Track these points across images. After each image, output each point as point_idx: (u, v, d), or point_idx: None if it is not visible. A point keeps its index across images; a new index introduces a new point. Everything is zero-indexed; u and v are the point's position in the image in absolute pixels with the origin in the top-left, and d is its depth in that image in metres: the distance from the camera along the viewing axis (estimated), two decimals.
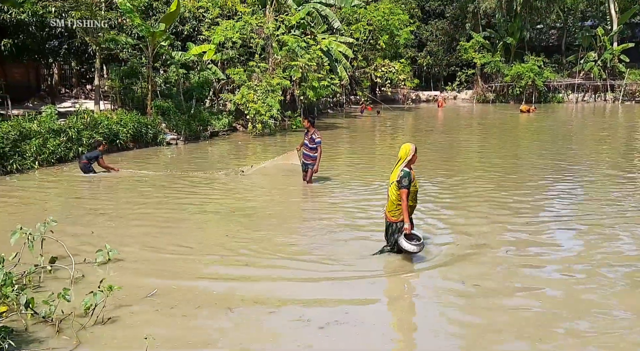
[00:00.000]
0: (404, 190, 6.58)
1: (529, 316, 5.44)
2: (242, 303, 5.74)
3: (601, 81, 42.49)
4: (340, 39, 29.63)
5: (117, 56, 24.08)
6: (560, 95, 43.67)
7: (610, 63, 42.05)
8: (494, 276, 6.51)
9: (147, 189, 11.67)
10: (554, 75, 43.56)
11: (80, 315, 5.29)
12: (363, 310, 5.62)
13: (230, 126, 23.39)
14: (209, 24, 25.39)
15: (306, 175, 11.57)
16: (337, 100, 38.04)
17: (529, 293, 6.02)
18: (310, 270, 6.72)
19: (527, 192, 11.16)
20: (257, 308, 5.63)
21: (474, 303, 5.77)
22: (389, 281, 6.58)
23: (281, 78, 23.32)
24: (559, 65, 45.67)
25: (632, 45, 41.74)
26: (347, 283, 6.28)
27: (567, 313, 5.47)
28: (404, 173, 6.62)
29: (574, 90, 43.62)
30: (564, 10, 47.17)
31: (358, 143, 21.04)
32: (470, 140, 21.79)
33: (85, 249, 7.33)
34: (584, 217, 9.15)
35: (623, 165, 14.71)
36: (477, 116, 34.11)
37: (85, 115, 17.05)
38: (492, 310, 5.59)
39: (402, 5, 41.21)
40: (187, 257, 7.25)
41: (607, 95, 42.57)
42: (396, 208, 6.75)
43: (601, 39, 42.47)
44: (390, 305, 5.97)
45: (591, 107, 39.70)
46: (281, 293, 5.96)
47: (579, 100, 43.33)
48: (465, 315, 5.50)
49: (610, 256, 7.18)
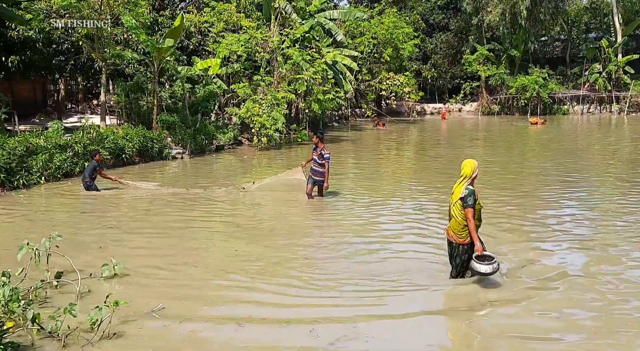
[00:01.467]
0: (469, 209, 6.17)
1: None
2: (251, 319, 5.67)
3: (606, 93, 42.41)
4: (345, 52, 29.75)
5: (123, 71, 24.27)
6: (566, 107, 43.58)
7: (615, 74, 41.98)
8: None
9: (152, 205, 11.66)
10: (558, 87, 43.50)
11: (86, 330, 5.25)
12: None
13: (236, 140, 23.42)
14: (214, 39, 25.56)
15: (311, 188, 11.47)
16: (342, 113, 38.10)
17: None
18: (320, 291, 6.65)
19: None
20: (266, 324, 5.57)
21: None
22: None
23: (286, 91, 23.39)
24: (563, 77, 45.62)
25: (636, 57, 41.66)
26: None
27: None
28: (468, 192, 6.22)
29: (579, 101, 43.54)
30: (568, 23, 47.23)
31: (364, 157, 20.98)
32: (488, 154, 21.72)
33: (92, 264, 7.29)
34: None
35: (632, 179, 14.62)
36: (483, 128, 34.06)
37: (91, 130, 17.12)
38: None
39: (406, 18, 41.39)
40: (194, 272, 7.21)
41: (613, 106, 42.45)
42: (462, 229, 6.31)
43: (605, 51, 42.46)
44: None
45: (597, 118, 39.59)
46: (287, 311, 5.88)
47: (584, 111, 43.23)
48: None
49: None
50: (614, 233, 8.90)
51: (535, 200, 11.89)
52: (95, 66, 24.50)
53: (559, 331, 5.39)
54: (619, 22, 42.94)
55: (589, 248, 8.02)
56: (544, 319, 5.65)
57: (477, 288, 6.43)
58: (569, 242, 8.37)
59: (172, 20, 25.52)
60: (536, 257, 7.63)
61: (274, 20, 26.34)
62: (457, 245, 6.41)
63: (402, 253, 7.90)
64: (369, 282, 6.69)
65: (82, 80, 30.79)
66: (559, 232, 9.02)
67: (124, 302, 5.39)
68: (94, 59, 22.72)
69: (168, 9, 27.91)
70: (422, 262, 7.45)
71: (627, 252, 7.82)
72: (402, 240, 8.69)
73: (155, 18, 25.25)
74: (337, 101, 28.12)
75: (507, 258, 7.50)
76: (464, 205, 6.20)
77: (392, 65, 38.05)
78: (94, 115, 27.16)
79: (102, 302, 5.27)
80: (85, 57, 23.25)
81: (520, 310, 5.90)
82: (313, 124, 29.05)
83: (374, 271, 7.07)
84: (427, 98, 47.33)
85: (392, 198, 12.20)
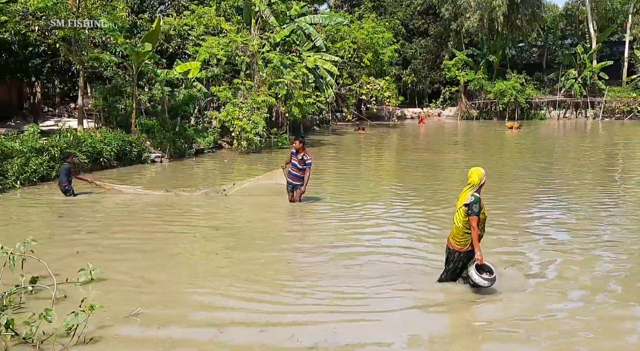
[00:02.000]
0: (474, 217, 6.06)
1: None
2: (231, 324, 5.62)
3: (582, 98, 43.17)
4: (326, 57, 29.81)
5: (101, 74, 24.03)
6: (543, 112, 44.25)
7: (590, 80, 42.76)
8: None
9: (131, 208, 11.54)
10: (535, 92, 44.17)
11: (62, 336, 5.16)
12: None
13: (216, 143, 23.30)
14: (194, 42, 25.43)
15: (291, 195, 11.37)
16: (323, 117, 38.15)
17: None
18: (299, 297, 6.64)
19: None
20: (246, 328, 5.53)
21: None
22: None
23: (266, 95, 23.35)
24: (540, 83, 46.36)
25: (610, 63, 42.52)
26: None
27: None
28: (474, 199, 6.11)
29: (556, 107, 44.23)
30: (545, 29, 48.04)
31: (344, 161, 21.04)
32: (467, 158, 21.91)
33: (68, 269, 7.17)
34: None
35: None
36: (461, 133, 34.41)
37: (68, 134, 16.89)
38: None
39: (386, 24, 41.67)
40: (173, 277, 7.14)
41: (588, 112, 43.22)
42: (463, 236, 6.23)
43: (581, 57, 43.24)
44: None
45: (572, 123, 40.26)
46: (268, 316, 5.82)
47: (560, 116, 43.91)
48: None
49: None
50: (588, 236, 9.03)
51: (514, 203, 12.03)
52: (72, 69, 24.25)
53: (536, 331, 5.45)
54: (594, 29, 43.81)
55: (566, 252, 8.13)
56: (522, 321, 5.71)
57: (461, 289, 6.47)
58: (550, 245, 8.47)
59: (151, 23, 25.33)
60: (514, 259, 7.71)
61: (254, 24, 26.30)
62: (454, 252, 6.35)
63: (383, 257, 7.90)
64: (351, 286, 6.67)
65: (59, 83, 30.35)
66: (537, 235, 9.15)
67: (100, 306, 5.32)
68: (72, 62, 22.47)
69: (147, 12, 27.71)
70: (403, 266, 7.44)
71: (601, 256, 7.94)
72: (383, 244, 8.69)
73: (134, 21, 25.05)
74: (317, 105, 28.14)
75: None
76: (468, 212, 6.12)
77: (372, 70, 38.26)
78: (72, 118, 26.83)
79: (78, 307, 5.20)
80: (63, 60, 22.96)
81: (501, 309, 5.97)
82: (294, 128, 29.03)
83: (355, 275, 7.06)
84: (407, 103, 47.65)
85: (373, 202, 12.20)
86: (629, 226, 9.66)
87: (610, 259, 7.71)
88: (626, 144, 25.39)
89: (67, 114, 29.79)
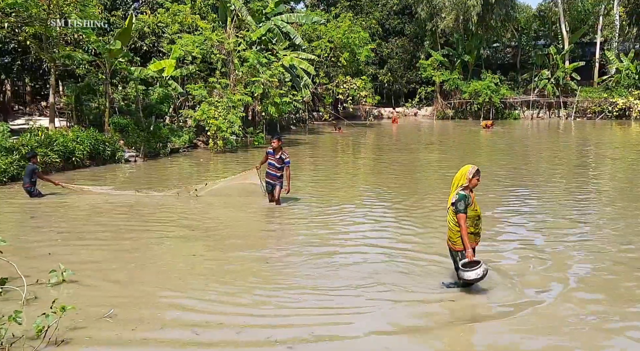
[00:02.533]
0: (461, 215, 6.01)
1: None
2: (207, 325, 5.52)
3: (554, 98, 43.86)
4: (302, 56, 29.76)
5: (73, 72, 23.59)
6: (517, 112, 44.86)
7: (563, 81, 43.47)
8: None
9: (102, 209, 11.33)
10: (510, 92, 44.77)
11: (32, 338, 5.03)
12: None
13: (191, 143, 23.09)
14: (168, 40, 25.15)
15: (271, 196, 11.13)
16: (299, 116, 38.11)
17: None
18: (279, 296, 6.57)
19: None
20: (223, 329, 5.45)
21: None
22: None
23: (242, 94, 23.21)
24: (514, 83, 47.01)
25: (582, 64, 43.30)
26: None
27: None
28: (459, 197, 6.05)
29: (529, 106, 44.89)
30: (518, 30, 48.74)
31: (321, 160, 21.01)
32: (442, 158, 22.05)
33: (39, 270, 7.00)
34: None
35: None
36: (437, 132, 34.66)
37: (39, 133, 16.55)
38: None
39: (362, 23, 41.80)
40: (147, 277, 7.02)
41: (561, 111, 43.94)
42: (456, 235, 6.16)
43: (554, 58, 43.94)
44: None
45: (546, 123, 40.87)
46: (245, 317, 5.73)
47: (534, 116, 44.56)
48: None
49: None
50: (563, 236, 9.15)
51: (488, 202, 12.14)
52: (44, 66, 23.76)
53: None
54: (566, 30, 44.58)
55: (539, 251, 8.21)
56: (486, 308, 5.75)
57: (439, 288, 6.48)
58: (522, 245, 8.55)
59: (124, 20, 24.97)
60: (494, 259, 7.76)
61: (230, 22, 26.12)
62: (455, 252, 6.23)
63: (362, 257, 7.83)
64: (328, 286, 6.62)
65: (30, 81, 29.76)
66: (509, 233, 9.24)
67: (72, 307, 5.18)
68: (43, 59, 22.04)
69: (120, 10, 27.29)
70: (382, 265, 7.40)
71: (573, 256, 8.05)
72: (362, 244, 8.63)
73: (107, 18, 24.65)
74: (294, 104, 28.08)
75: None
76: (454, 211, 6.08)
77: (348, 69, 38.39)
78: (43, 117, 26.32)
79: (49, 309, 5.06)
80: (34, 58, 22.49)
81: (477, 304, 6.00)
82: (270, 127, 28.93)
83: (333, 276, 7.00)
84: (384, 103, 47.93)
85: (350, 202, 12.10)
86: (599, 222, 9.81)
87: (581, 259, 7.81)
88: (597, 144, 25.85)
89: (39, 113, 29.23)
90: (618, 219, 10.00)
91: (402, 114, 48.27)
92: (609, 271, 7.16)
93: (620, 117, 40.83)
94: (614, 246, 8.20)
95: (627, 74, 41.17)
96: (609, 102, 41.40)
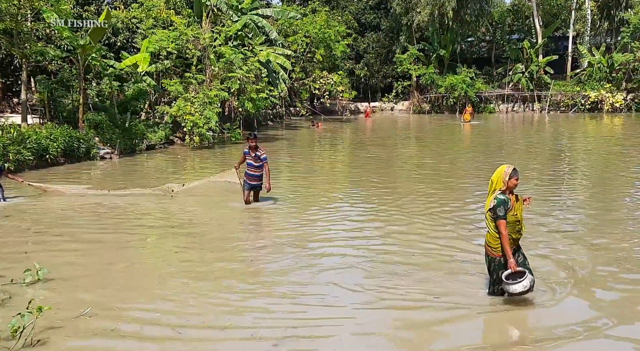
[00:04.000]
0: (500, 221, 5.54)
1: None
2: (189, 325, 5.45)
3: (529, 92, 44.41)
4: (279, 51, 29.69)
5: (45, 68, 23.18)
6: (492, 106, 45.32)
7: (537, 74, 44.04)
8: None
9: (78, 209, 11.15)
10: (485, 87, 45.20)
11: (7, 338, 4.96)
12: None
13: (167, 139, 22.90)
14: (143, 36, 24.85)
15: (249, 195, 10.80)
16: (276, 112, 38.02)
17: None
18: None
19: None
20: (206, 329, 5.38)
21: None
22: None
23: (219, 90, 23.07)
24: (489, 77, 47.45)
25: (555, 58, 43.92)
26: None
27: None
28: (497, 201, 5.56)
29: (504, 100, 45.40)
30: (493, 24, 49.20)
31: (298, 155, 20.98)
32: (421, 153, 22.14)
33: (13, 270, 6.89)
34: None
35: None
36: (414, 127, 34.85)
37: (11, 130, 16.24)
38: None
39: (338, 18, 41.80)
40: (127, 276, 6.96)
41: (535, 105, 44.52)
42: (496, 241, 5.69)
43: (527, 52, 44.48)
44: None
45: (521, 116, 41.39)
46: (229, 316, 5.68)
47: (509, 110, 45.08)
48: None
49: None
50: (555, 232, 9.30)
51: (468, 198, 12.28)
52: (15, 63, 23.30)
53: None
54: (539, 24, 45.18)
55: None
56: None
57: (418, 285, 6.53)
58: None
59: (97, 16, 24.58)
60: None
61: (205, 17, 25.92)
62: (493, 258, 5.78)
63: (341, 255, 7.73)
64: (311, 283, 6.60)
65: (0, 77, 29.14)
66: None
67: (48, 307, 5.13)
68: (14, 55, 21.62)
69: (93, 4, 26.88)
70: (363, 263, 7.32)
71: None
72: (342, 241, 8.54)
73: (79, 14, 24.26)
74: (270, 100, 28.01)
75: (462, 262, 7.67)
76: (493, 217, 5.61)
77: (325, 64, 38.37)
78: (15, 114, 25.79)
79: (25, 309, 5.00)
80: (4, 53, 22.03)
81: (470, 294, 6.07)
82: (247, 123, 28.83)
83: (316, 273, 6.97)
84: (361, 97, 48.05)
85: (330, 200, 11.95)
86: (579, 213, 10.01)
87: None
88: (570, 136, 26.30)
89: (10, 110, 28.62)
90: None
91: (379, 109, 48.45)
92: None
93: (592, 110, 41.54)
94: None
95: (598, 68, 41.87)
96: (582, 96, 42.08)
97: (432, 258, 7.47)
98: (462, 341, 5.06)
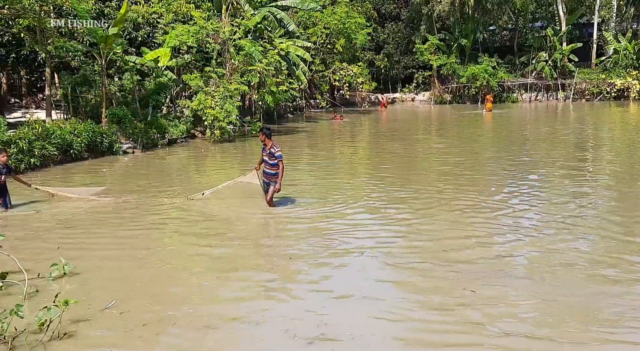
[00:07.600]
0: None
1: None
2: (221, 319, 5.42)
3: (552, 80, 43.69)
4: (298, 43, 29.58)
5: (68, 64, 23.45)
6: (515, 95, 44.71)
7: (560, 63, 43.28)
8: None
9: (103, 204, 11.26)
10: (507, 76, 44.58)
11: (35, 332, 5.04)
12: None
13: (189, 133, 23.04)
14: (163, 30, 24.97)
15: (270, 194, 10.01)
16: (296, 104, 37.97)
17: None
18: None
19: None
20: (239, 323, 5.34)
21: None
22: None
23: (239, 83, 23.09)
24: (512, 66, 46.76)
25: (580, 45, 43.11)
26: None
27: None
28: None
29: (527, 89, 44.73)
30: (515, 12, 48.39)
31: (319, 150, 20.70)
32: (440, 146, 21.91)
33: (40, 265, 6.99)
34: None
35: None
36: (435, 118, 34.49)
37: (36, 126, 16.47)
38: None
39: (358, 8, 41.51)
40: (153, 271, 6.98)
41: (559, 94, 43.78)
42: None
43: (551, 40, 43.70)
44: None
45: (544, 105, 40.72)
46: (265, 312, 5.64)
47: (532, 99, 44.44)
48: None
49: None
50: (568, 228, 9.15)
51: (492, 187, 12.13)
52: (38, 59, 23.62)
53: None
54: (563, 11, 44.28)
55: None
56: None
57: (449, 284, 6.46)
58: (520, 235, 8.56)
59: (118, 11, 24.76)
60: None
61: (224, 10, 25.92)
62: None
63: (368, 257, 7.37)
64: (345, 283, 6.41)
65: (25, 73, 29.62)
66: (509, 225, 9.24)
67: (74, 301, 5.19)
68: (37, 52, 21.91)
69: (114, 0, 27.06)
70: (391, 264, 7.04)
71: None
72: (373, 242, 8.05)
73: (101, 9, 24.47)
74: (290, 92, 27.94)
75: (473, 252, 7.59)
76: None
77: (345, 56, 38.17)
78: (40, 109, 26.22)
79: (52, 302, 5.07)
80: (28, 50, 22.33)
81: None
82: (267, 116, 28.85)
83: (352, 273, 6.75)
84: (381, 89, 47.76)
85: (355, 199, 11.18)
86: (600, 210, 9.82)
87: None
88: (595, 125, 25.80)
89: (35, 105, 29.13)
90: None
91: (400, 100, 48.13)
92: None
93: (618, 98, 40.73)
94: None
95: (624, 54, 41.00)
96: (607, 83, 41.27)
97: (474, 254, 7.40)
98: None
